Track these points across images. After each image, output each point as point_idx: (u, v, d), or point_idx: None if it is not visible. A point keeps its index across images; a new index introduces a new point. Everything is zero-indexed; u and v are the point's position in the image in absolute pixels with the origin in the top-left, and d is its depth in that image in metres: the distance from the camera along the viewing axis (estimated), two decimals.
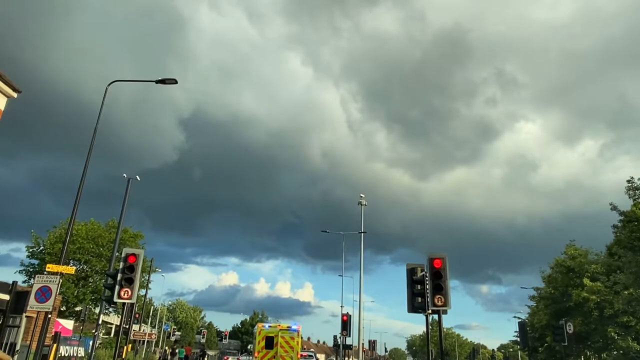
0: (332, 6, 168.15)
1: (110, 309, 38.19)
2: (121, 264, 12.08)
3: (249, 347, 63.32)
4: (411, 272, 13.69)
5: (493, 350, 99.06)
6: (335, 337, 46.09)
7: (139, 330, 41.26)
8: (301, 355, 25.75)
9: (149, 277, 37.35)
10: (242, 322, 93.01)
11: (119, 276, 11.97)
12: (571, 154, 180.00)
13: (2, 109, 12.81)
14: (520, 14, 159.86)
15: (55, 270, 10.64)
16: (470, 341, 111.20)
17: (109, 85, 14.15)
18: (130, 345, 30.75)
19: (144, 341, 42.90)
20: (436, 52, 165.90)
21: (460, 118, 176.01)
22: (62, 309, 30.73)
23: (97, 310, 31.75)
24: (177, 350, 47.70)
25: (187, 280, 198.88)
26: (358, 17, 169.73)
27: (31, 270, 33.02)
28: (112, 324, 50.48)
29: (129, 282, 11.91)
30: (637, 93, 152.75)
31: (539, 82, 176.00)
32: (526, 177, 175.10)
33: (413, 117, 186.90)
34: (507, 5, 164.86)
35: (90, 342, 28.76)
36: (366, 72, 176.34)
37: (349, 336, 38.09)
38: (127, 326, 26.54)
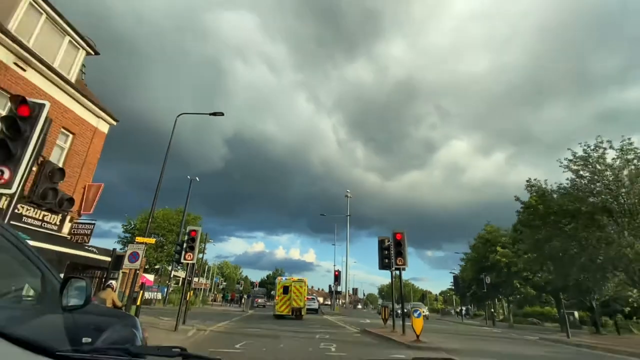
0: (326, 62, 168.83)
1: (179, 267, 38.19)
2: (186, 237, 12.05)
3: (272, 292, 63.08)
4: (381, 242, 13.70)
5: (436, 295, 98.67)
6: (330, 286, 46.07)
7: (198, 281, 41.16)
8: (307, 298, 25.74)
9: (204, 245, 37.27)
10: (267, 276, 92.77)
11: (184, 245, 11.95)
12: (487, 162, 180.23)
13: (106, 132, 12.80)
14: (452, 67, 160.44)
15: (142, 241, 10.62)
16: (421, 289, 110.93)
17: (178, 116, 14.07)
18: (192, 292, 30.64)
19: (201, 289, 42.81)
20: (396, 94, 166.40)
21: (411, 138, 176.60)
22: (146, 267, 30.71)
23: (170, 268, 31.70)
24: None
25: (230, 247, 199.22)
26: (342, 69, 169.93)
27: (125, 241, 33.01)
28: (179, 277, 50.37)
29: (191, 249, 11.89)
30: (532, 121, 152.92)
31: (465, 114, 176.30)
32: (457, 177, 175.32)
33: (381, 138, 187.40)
34: (444, 62, 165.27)
35: (165, 289, 28.75)
36: (349, 107, 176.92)
37: (340, 285, 38.28)
38: (190, 279, 26.48)
